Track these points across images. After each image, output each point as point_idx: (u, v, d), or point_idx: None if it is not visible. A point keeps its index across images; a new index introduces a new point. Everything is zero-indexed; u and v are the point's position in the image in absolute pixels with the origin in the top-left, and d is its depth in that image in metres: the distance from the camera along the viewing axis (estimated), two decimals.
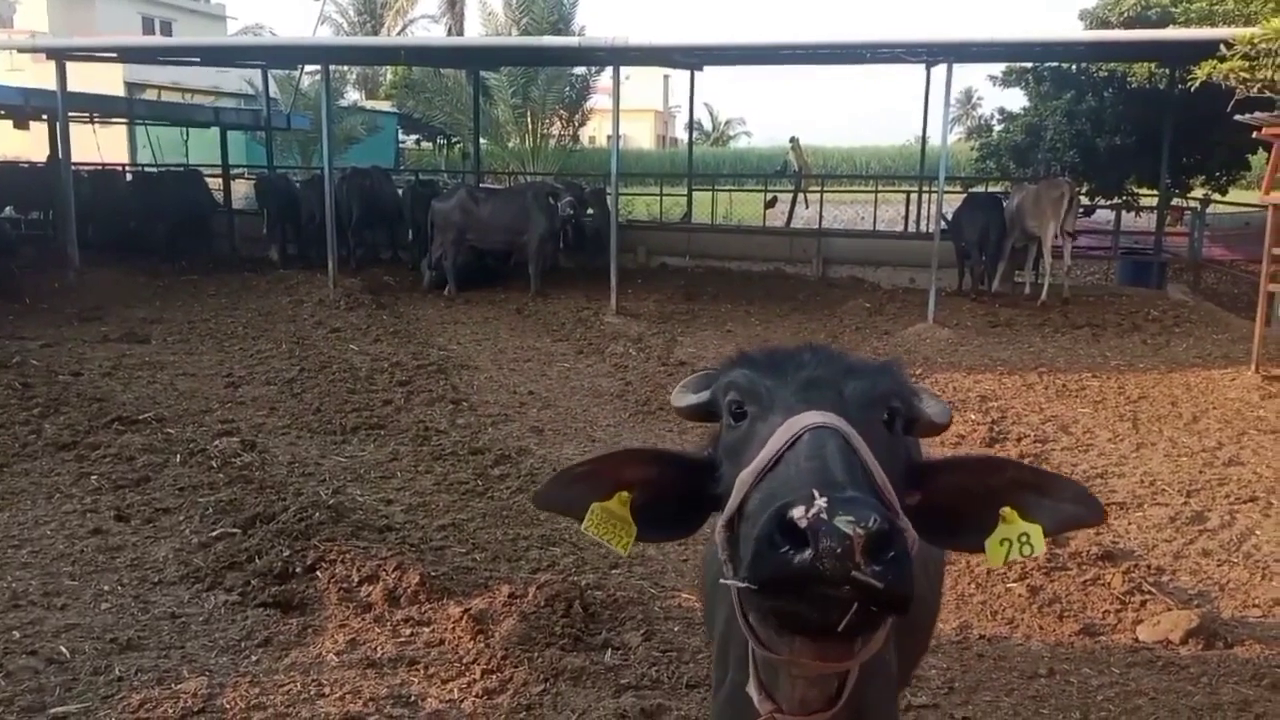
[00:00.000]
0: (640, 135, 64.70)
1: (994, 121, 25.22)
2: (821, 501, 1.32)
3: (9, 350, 10.78)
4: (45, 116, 18.82)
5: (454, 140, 35.90)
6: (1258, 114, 10.64)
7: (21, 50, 19.61)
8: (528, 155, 32.00)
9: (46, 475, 7.00)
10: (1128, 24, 18.78)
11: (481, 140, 24.49)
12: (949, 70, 13.64)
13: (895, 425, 1.74)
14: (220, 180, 21.19)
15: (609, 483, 1.81)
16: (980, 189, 20.03)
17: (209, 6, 48.56)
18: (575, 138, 35.81)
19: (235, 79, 33.19)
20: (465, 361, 11.32)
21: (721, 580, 1.60)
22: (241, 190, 22.76)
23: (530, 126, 32.13)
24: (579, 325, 13.39)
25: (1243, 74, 10.94)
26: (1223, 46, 11.06)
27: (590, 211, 17.07)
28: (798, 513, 1.32)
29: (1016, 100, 24.75)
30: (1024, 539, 1.70)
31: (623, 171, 15.40)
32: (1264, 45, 10.71)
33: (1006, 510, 1.71)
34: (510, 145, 32.48)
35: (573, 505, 1.82)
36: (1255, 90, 10.90)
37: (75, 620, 4.85)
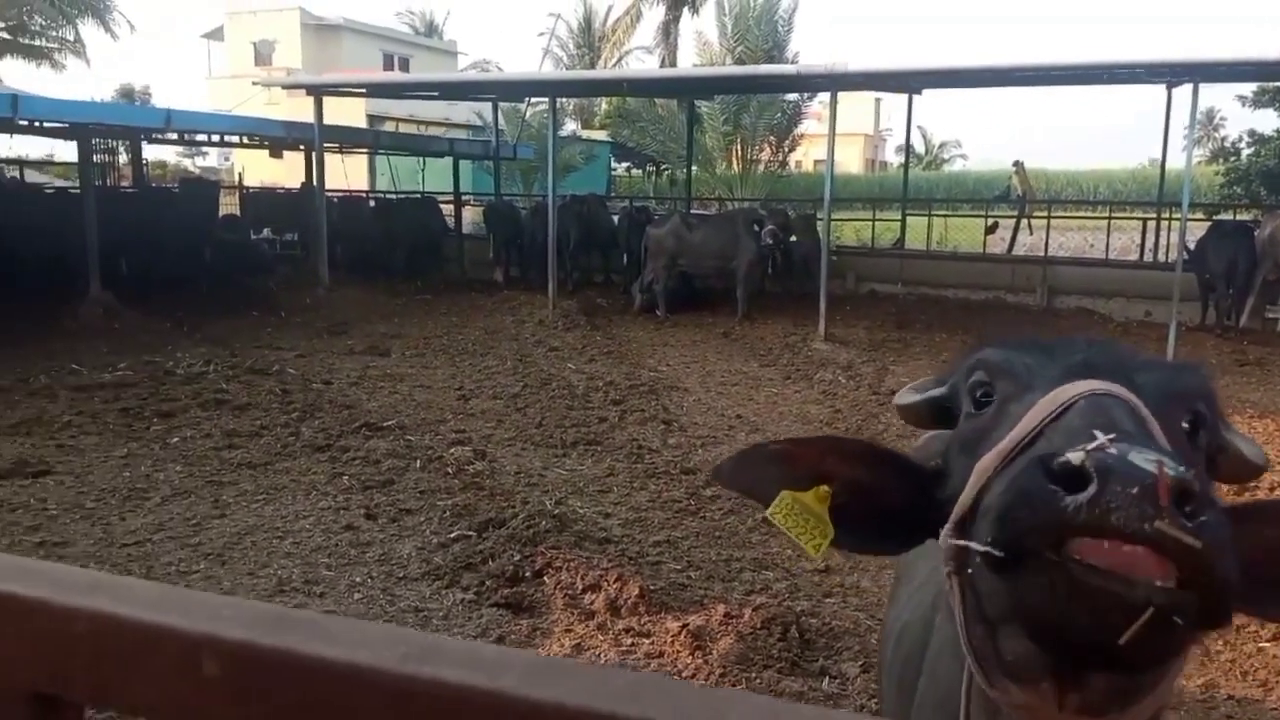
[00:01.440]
0: (849, 160, 63.75)
1: (1242, 144, 23.29)
2: (1105, 437, 1.04)
3: (269, 359, 11.92)
4: (302, 146, 20.72)
5: (663, 167, 36.69)
6: None
7: (286, 87, 21.66)
8: (736, 181, 32.27)
9: (305, 474, 7.70)
10: None
11: (691, 167, 24.93)
12: (1195, 91, 12.75)
13: (1199, 438, 1.37)
14: (452, 206, 22.59)
15: (808, 471, 1.53)
16: (1227, 216, 18.52)
17: (442, 43, 52.05)
18: (784, 163, 35.79)
19: (464, 110, 35.32)
20: (675, 383, 11.54)
21: (949, 541, 1.20)
22: (470, 216, 24.17)
23: (740, 153, 32.39)
24: (786, 350, 13.37)
25: None
26: None
27: (794, 238, 17.03)
28: (1074, 454, 1.02)
29: (1268, 122, 22.74)
30: None
31: (832, 196, 15.25)
32: None
33: None
34: (719, 171, 32.86)
35: (759, 487, 1.54)
36: None
37: (332, 608, 5.32)
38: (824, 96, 15.20)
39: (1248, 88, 20.61)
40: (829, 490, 1.50)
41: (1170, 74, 14.10)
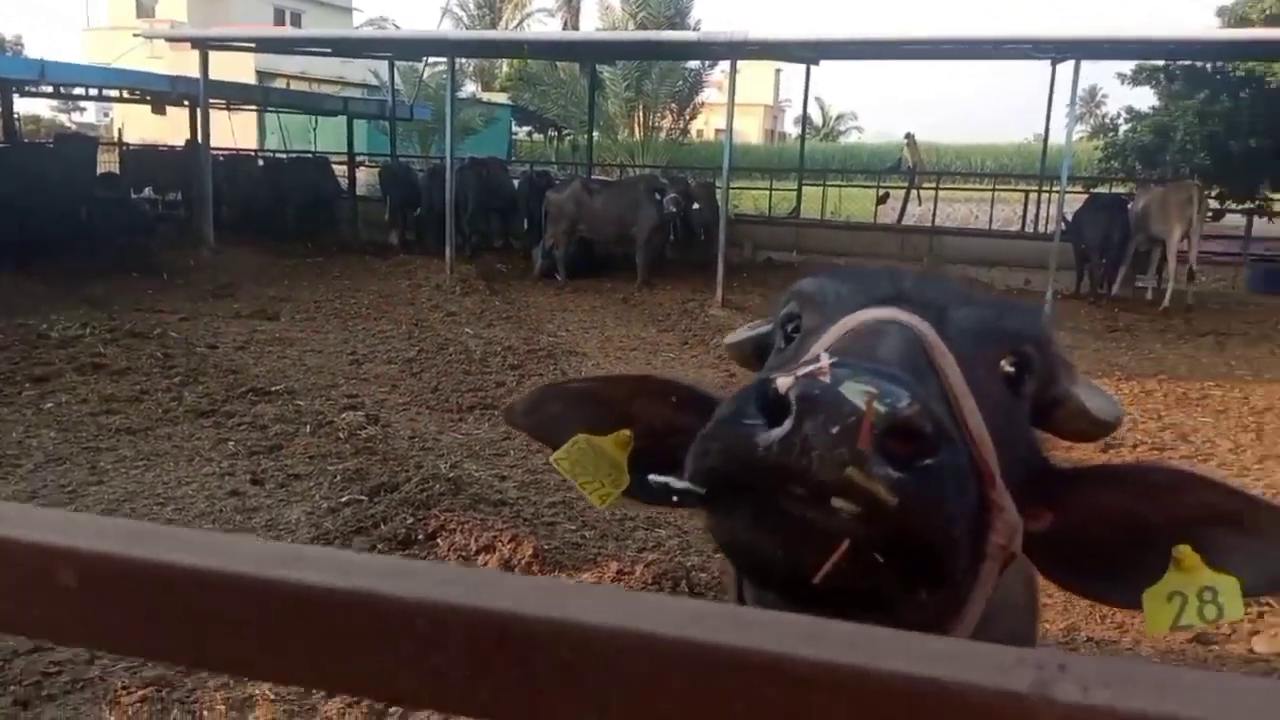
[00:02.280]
0: (749, 130, 64.41)
1: (1120, 121, 24.32)
2: (826, 361, 0.91)
3: (150, 322, 11.48)
4: (186, 102, 19.87)
5: (565, 132, 36.44)
6: None
7: (169, 40, 20.69)
8: (637, 148, 32.28)
9: (188, 439, 7.47)
10: (1269, 22, 17.94)
11: (593, 132, 24.82)
12: (1076, 67, 13.27)
13: (1023, 387, 1.22)
14: (345, 167, 22.00)
15: (613, 413, 1.38)
16: (1104, 190, 19.40)
17: (335, 0, 50.33)
18: (685, 131, 35.93)
19: (360, 70, 34.35)
20: (574, 348, 11.55)
21: (653, 478, 1.07)
22: (364, 177, 23.59)
23: (641, 119, 32.39)
24: (684, 317, 13.51)
25: None
26: None
27: (696, 206, 17.16)
28: (784, 379, 0.90)
29: (1145, 99, 23.85)
30: (1208, 597, 1.15)
31: (732, 165, 15.41)
32: None
33: (1184, 551, 1.16)
34: (620, 138, 32.82)
35: (555, 428, 1.39)
36: None
37: None
38: (725, 66, 15.28)
39: (1128, 65, 21.46)
40: (630, 435, 1.37)
41: (1055, 51, 14.62)
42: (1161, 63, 20.58)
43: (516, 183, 19.37)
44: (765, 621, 0.48)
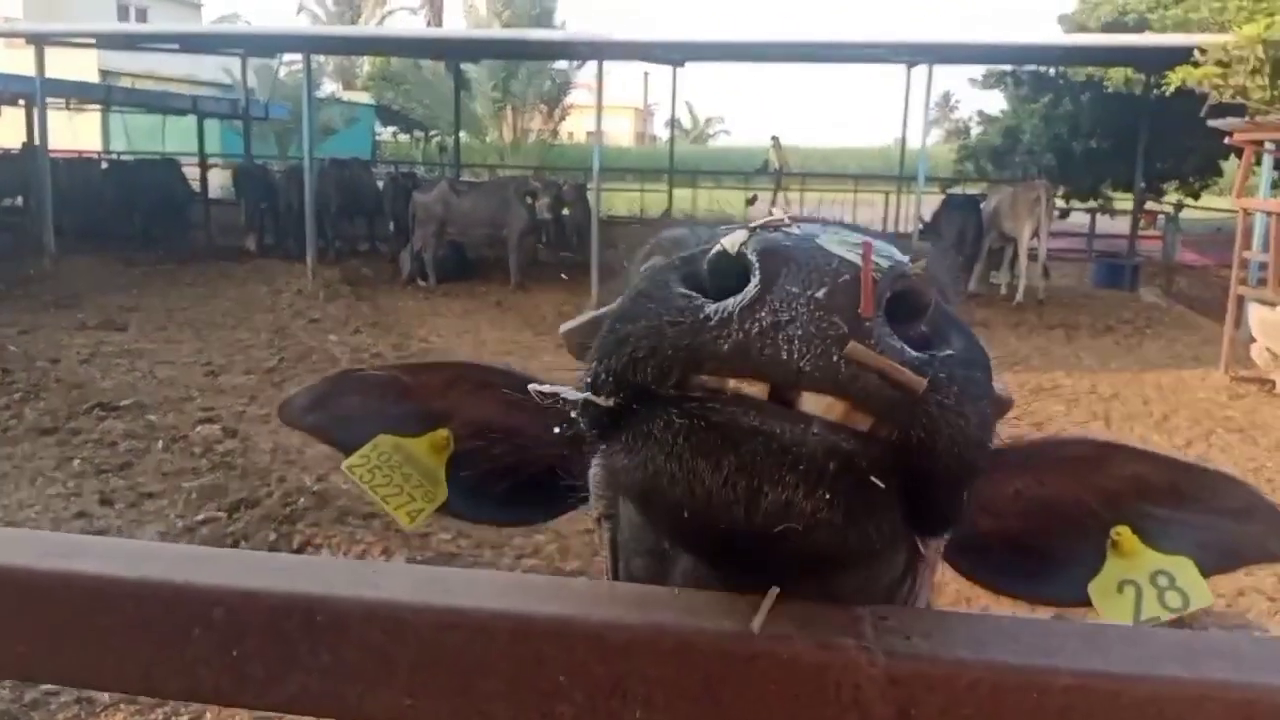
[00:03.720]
0: (620, 132, 64.75)
1: (973, 124, 25.54)
2: (783, 214, 0.72)
3: None
4: (21, 102, 18.65)
5: (431, 133, 35.87)
6: (1230, 120, 10.87)
7: (2, 36, 19.37)
8: (507, 150, 32.04)
9: (29, 459, 6.99)
10: (1105, 29, 19.11)
11: (461, 134, 24.49)
12: (929, 72, 13.83)
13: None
14: (197, 169, 21.07)
15: (422, 409, 1.13)
16: (958, 191, 20.29)
17: None
18: (555, 133, 35.86)
19: (211, 68, 32.94)
20: (446, 354, 11.34)
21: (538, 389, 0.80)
22: (218, 180, 22.63)
23: (510, 120, 32.17)
24: (559, 319, 13.20)
25: (1216, 80, 11.19)
26: (1197, 53, 11.31)
27: (566, 211, 17.14)
28: (731, 238, 0.67)
29: (995, 103, 25.09)
30: (1164, 583, 0.98)
31: (603, 167, 15.45)
32: (1236, 52, 10.97)
33: (1121, 533, 0.99)
34: (489, 139, 32.51)
35: (344, 428, 1.11)
36: (1228, 96, 11.15)
37: None
38: (594, 68, 15.31)
39: (978, 70, 22.53)
40: (449, 435, 1.10)
41: (909, 55, 15.21)
42: (1009, 68, 21.69)
43: (381, 184, 18.91)
44: (585, 590, 0.45)
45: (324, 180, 17.12)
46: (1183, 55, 11.62)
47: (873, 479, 0.63)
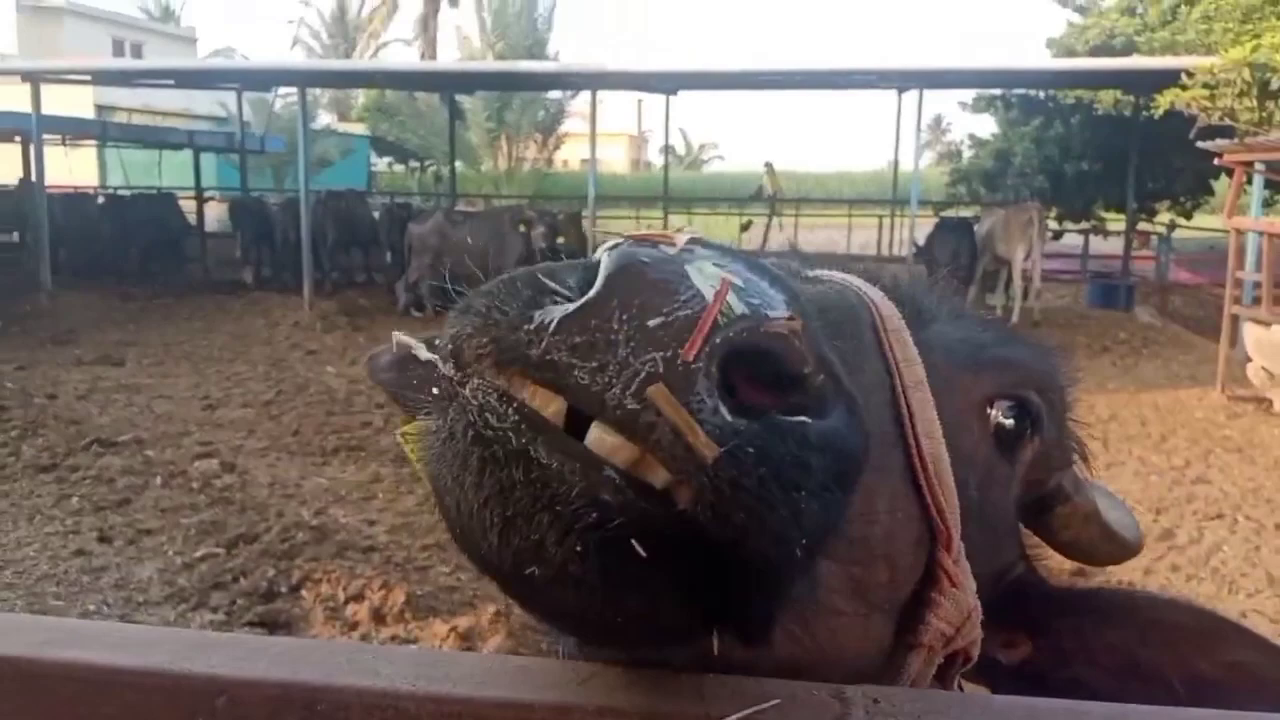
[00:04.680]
0: (614, 159, 65.05)
1: (964, 147, 25.69)
2: (684, 237, 0.64)
3: None
4: (17, 138, 18.73)
5: (427, 163, 36.04)
6: (1219, 141, 10.94)
7: None
8: (502, 179, 32.17)
9: (27, 497, 6.97)
10: (1093, 52, 19.27)
11: (456, 164, 24.60)
12: (920, 97, 13.93)
13: (1018, 450, 0.91)
14: (194, 203, 21.13)
15: None
16: (951, 214, 20.38)
17: (179, 29, 48.52)
18: (550, 161, 36.03)
19: (207, 101, 33.14)
20: None
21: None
22: (214, 213, 22.70)
23: (505, 150, 32.32)
24: None
25: (1204, 102, 11.27)
26: (1184, 76, 11.40)
27: (561, 239, 17.18)
28: (607, 245, 0.63)
29: (987, 126, 25.25)
30: None
31: (598, 195, 15.52)
32: (1223, 75, 11.06)
33: None
34: (484, 169, 32.65)
35: (418, 393, 0.98)
36: (1216, 118, 11.23)
37: None
38: (588, 96, 15.41)
39: (969, 94, 22.70)
40: None
41: (900, 81, 15.33)
42: (999, 92, 21.85)
43: (377, 215, 18.97)
44: (583, 674, 0.46)
45: (320, 212, 17.17)
46: (1171, 78, 11.72)
47: (632, 543, 0.54)
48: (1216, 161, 11.50)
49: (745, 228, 21.69)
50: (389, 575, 5.55)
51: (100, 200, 21.84)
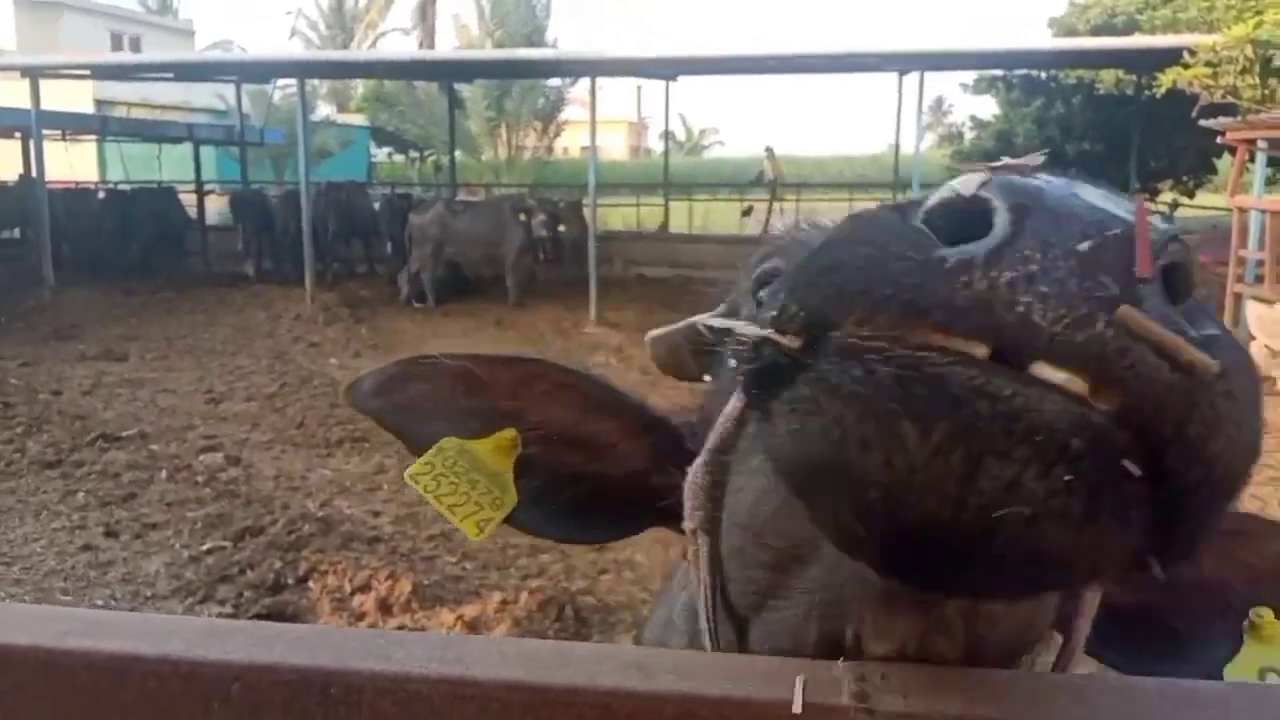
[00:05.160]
0: (614, 146, 64.91)
1: (966, 129, 25.61)
2: (1026, 161, 0.61)
3: None
4: (17, 134, 18.73)
5: (427, 153, 35.98)
6: (1222, 119, 10.91)
7: None
8: (502, 168, 32.14)
9: (33, 493, 7.00)
10: (1094, 32, 19.18)
11: (456, 153, 24.57)
12: (921, 79, 13.88)
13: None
14: (194, 196, 21.14)
15: (492, 405, 1.04)
16: None
17: (177, 22, 48.40)
18: (550, 149, 35.97)
19: (206, 94, 33.07)
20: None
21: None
22: (215, 206, 22.71)
23: (505, 138, 32.26)
24: (559, 336, 13.46)
25: (1206, 81, 11.24)
26: (1186, 54, 11.36)
27: (562, 228, 17.19)
28: (964, 180, 0.58)
29: (988, 107, 25.17)
30: None
31: (598, 183, 15.50)
32: (1226, 53, 11.03)
33: (1262, 614, 0.89)
34: (484, 157, 32.60)
35: (409, 419, 1.07)
36: (1219, 96, 11.19)
37: None
38: (587, 83, 15.38)
39: (970, 76, 22.63)
40: (516, 437, 1.02)
41: (900, 64, 15.25)
42: (1000, 73, 21.77)
43: (377, 206, 18.97)
44: (592, 655, 0.47)
45: (320, 204, 17.18)
46: (1172, 56, 11.67)
47: (1126, 464, 0.51)
48: (1219, 140, 11.47)
49: (747, 213, 21.65)
50: (395, 566, 5.57)
51: (101, 195, 21.86)
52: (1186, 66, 11.34)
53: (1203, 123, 11.18)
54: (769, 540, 0.73)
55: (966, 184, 0.56)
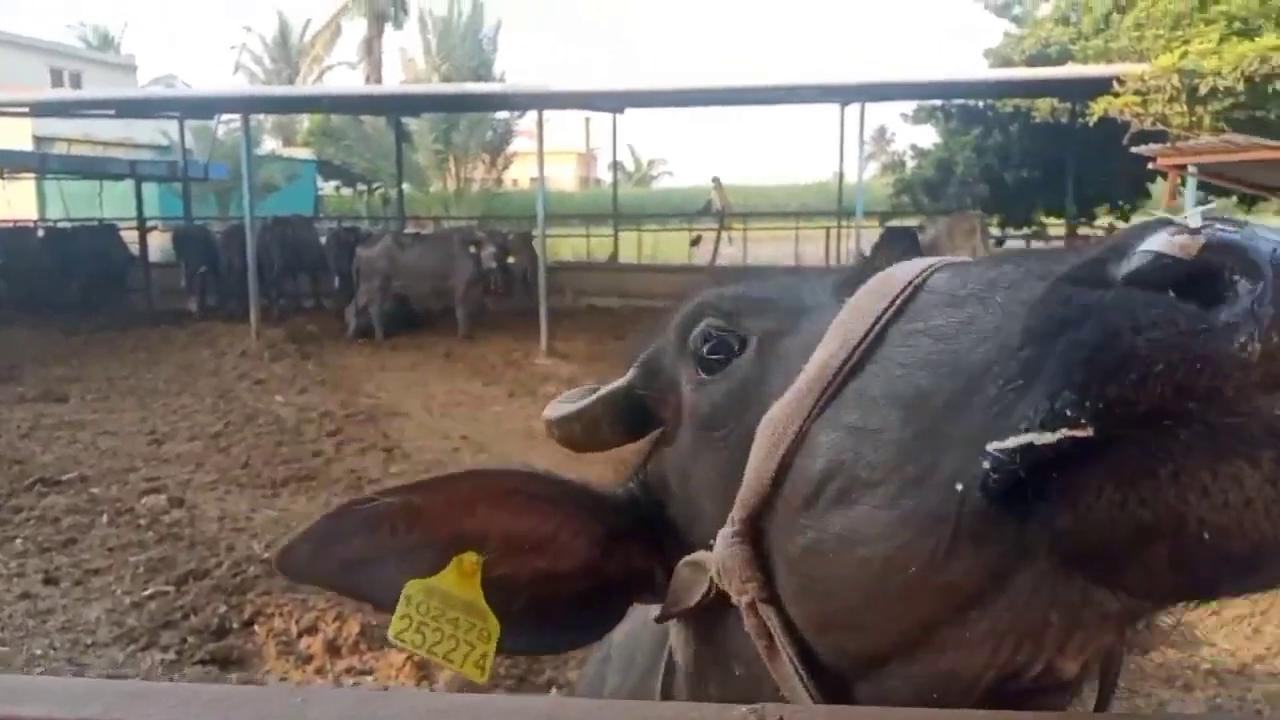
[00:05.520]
0: (563, 177, 65.07)
1: (907, 157, 26.10)
2: (1195, 214, 0.64)
3: None
4: None
5: (375, 186, 35.82)
6: (1152, 145, 11.22)
7: None
8: (451, 200, 32.08)
9: None
10: (1029, 62, 19.67)
11: (404, 185, 24.49)
12: (862, 110, 14.15)
13: None
14: (136, 233, 20.80)
15: (440, 534, 0.99)
16: (896, 223, 20.69)
17: (119, 58, 47.79)
18: (499, 181, 35.99)
19: (149, 130, 32.64)
20: (395, 409, 11.24)
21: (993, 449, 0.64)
22: (158, 242, 22.36)
23: (453, 171, 32.24)
24: (509, 368, 13.42)
25: (1136, 109, 11.58)
26: (1116, 83, 11.71)
27: (511, 259, 17.20)
28: (1168, 238, 0.62)
29: (928, 136, 25.69)
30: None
31: (547, 214, 15.55)
32: (1153, 82, 11.38)
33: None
34: (433, 190, 32.53)
35: (357, 575, 0.99)
36: (1149, 124, 11.53)
37: None
38: (535, 115, 15.46)
39: (910, 106, 23.06)
40: (475, 559, 0.97)
41: (841, 95, 15.56)
42: (939, 103, 22.24)
43: (324, 240, 18.82)
44: (505, 710, 0.47)
45: (265, 239, 17.02)
46: (1104, 85, 12.02)
47: None
48: (1151, 165, 11.77)
49: (695, 243, 21.83)
50: (342, 607, 5.48)
51: (40, 233, 21.42)
52: (1117, 95, 11.68)
53: (1134, 149, 11.47)
54: (904, 602, 0.73)
55: (1170, 244, 0.60)
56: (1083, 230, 20.92)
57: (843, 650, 0.80)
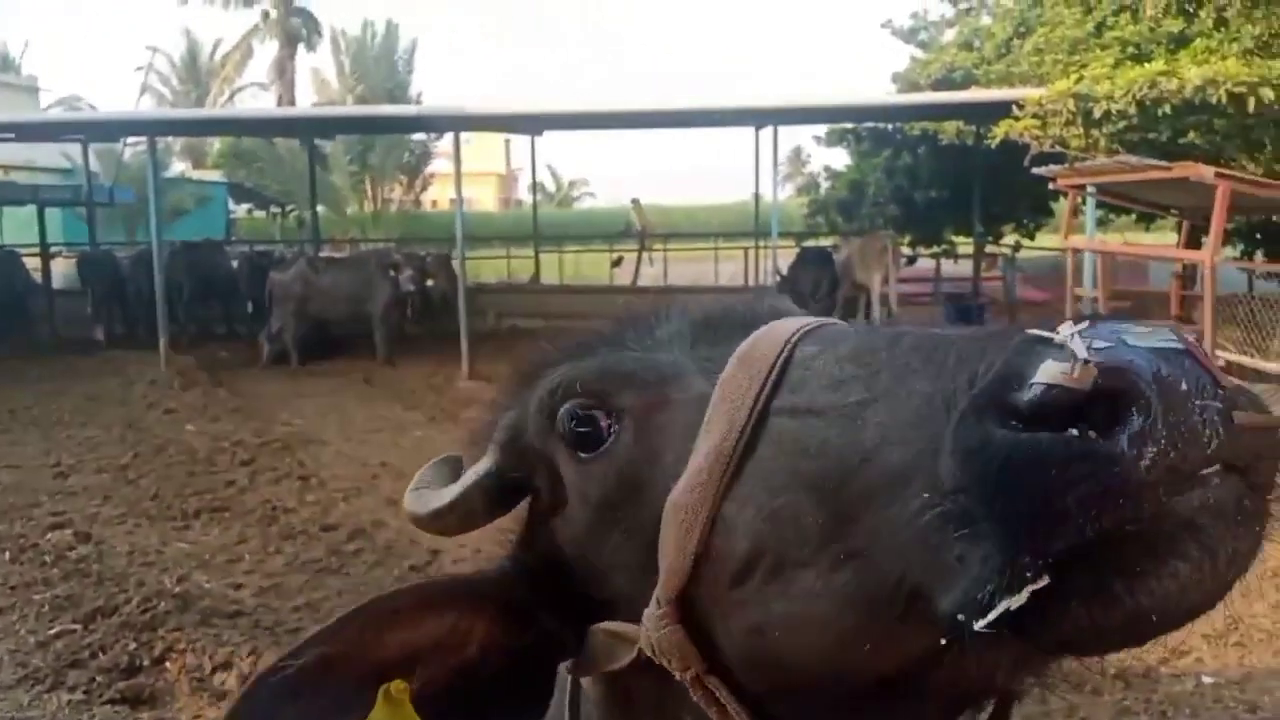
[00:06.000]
0: (484, 198, 64.73)
1: (821, 179, 26.63)
2: (1071, 326, 0.68)
3: None
4: None
5: (289, 209, 35.17)
6: (1052, 167, 11.66)
7: None
8: (368, 222, 31.69)
9: None
10: (935, 86, 20.26)
11: (319, 208, 24.12)
12: (775, 133, 14.43)
13: None
14: (39, 260, 20.09)
15: (361, 673, 0.98)
16: (812, 243, 21.09)
17: (20, 79, 46.06)
18: (417, 202, 35.67)
19: (51, 153, 31.50)
20: (312, 436, 11.04)
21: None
22: (62, 269, 21.60)
23: (370, 193, 31.88)
24: (430, 392, 13.28)
25: (1035, 131, 12.03)
26: (1016, 107, 12.15)
27: (430, 282, 17.07)
28: (1052, 370, 0.65)
29: (841, 158, 26.23)
30: None
31: (468, 235, 15.48)
32: (1050, 106, 11.85)
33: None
34: (350, 212, 32.09)
35: None
36: (1048, 145, 11.99)
37: None
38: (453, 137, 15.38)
39: (823, 128, 23.52)
40: (401, 685, 0.97)
41: (755, 119, 15.85)
42: (850, 125, 22.76)
43: (235, 264, 18.42)
44: None
45: (174, 264, 16.61)
46: (1005, 109, 12.46)
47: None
48: (1051, 186, 12.22)
49: (616, 264, 21.95)
50: (258, 640, 5.37)
51: None
52: (1017, 119, 12.13)
53: (1035, 170, 11.91)
54: (860, 666, 0.78)
55: (1061, 373, 0.65)
56: (990, 248, 21.63)
57: (800, 707, 0.86)
